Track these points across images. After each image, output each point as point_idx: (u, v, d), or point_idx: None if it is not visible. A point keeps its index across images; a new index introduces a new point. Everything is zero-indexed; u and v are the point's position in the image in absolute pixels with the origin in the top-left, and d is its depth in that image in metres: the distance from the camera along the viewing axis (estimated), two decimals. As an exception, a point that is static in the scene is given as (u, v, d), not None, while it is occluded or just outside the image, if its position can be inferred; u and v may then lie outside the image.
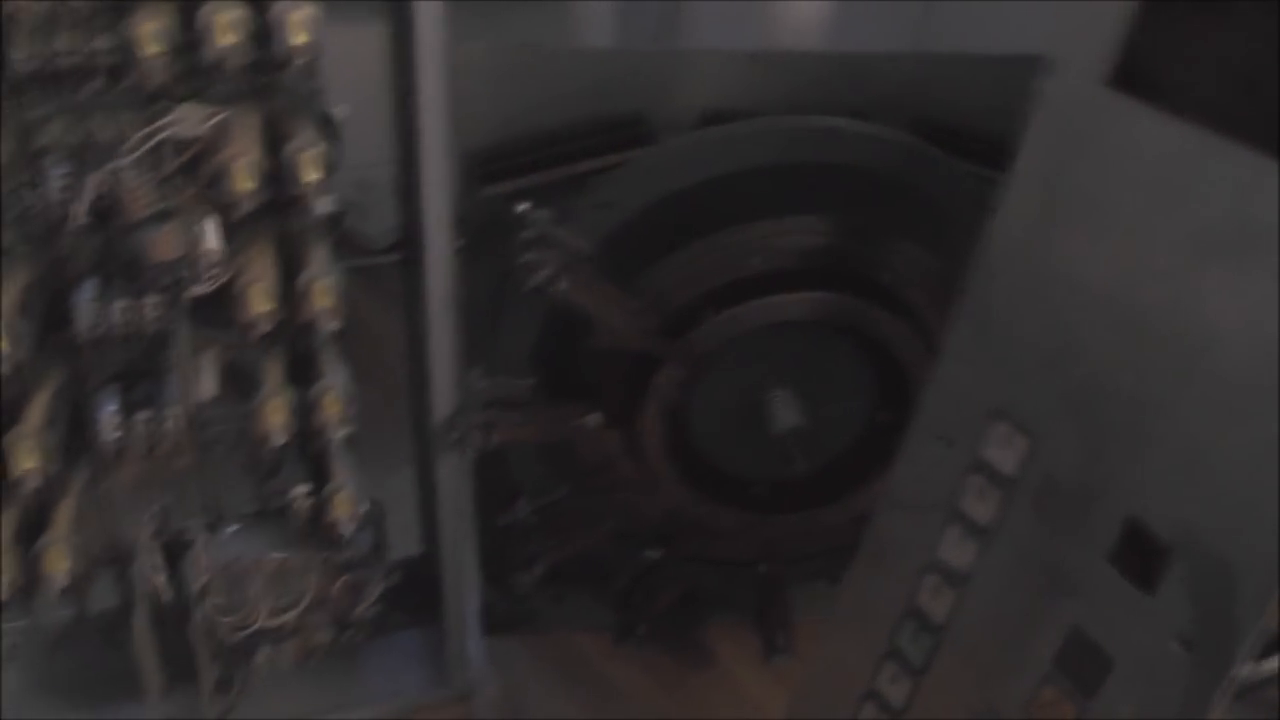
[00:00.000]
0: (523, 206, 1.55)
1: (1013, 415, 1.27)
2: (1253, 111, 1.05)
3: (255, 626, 1.60)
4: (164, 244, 1.34)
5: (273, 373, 1.53)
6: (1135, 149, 1.15)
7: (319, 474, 1.64)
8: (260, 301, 1.42)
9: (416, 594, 1.94)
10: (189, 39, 1.32)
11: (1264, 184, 1.02)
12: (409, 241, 1.70)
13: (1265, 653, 1.57)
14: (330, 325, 1.49)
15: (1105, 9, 1.17)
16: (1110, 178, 1.18)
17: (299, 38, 1.32)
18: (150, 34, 1.27)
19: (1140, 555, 1.13)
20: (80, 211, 1.33)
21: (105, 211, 1.37)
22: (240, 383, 1.58)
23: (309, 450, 1.62)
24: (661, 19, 3.11)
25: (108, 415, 1.49)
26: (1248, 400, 1.04)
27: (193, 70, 1.36)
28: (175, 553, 1.69)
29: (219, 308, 1.48)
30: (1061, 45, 1.23)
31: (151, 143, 1.32)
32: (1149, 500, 1.12)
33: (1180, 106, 1.11)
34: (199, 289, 1.40)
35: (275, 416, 1.50)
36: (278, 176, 1.41)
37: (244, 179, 1.35)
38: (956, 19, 2.85)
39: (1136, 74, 1.15)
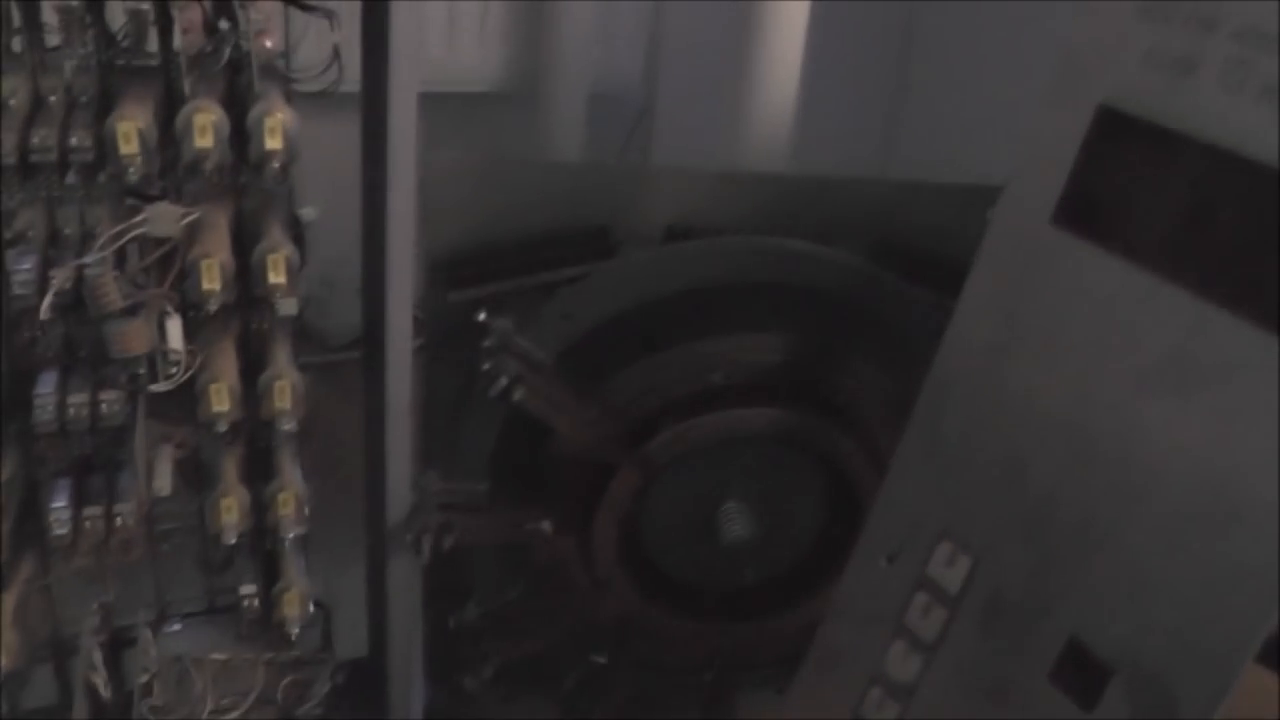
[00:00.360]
0: (483, 315, 1.57)
1: (957, 535, 1.30)
2: (1194, 255, 1.09)
3: (198, 726, 1.58)
4: (129, 339, 1.35)
5: (229, 470, 1.53)
6: (1081, 284, 1.20)
7: (269, 572, 1.64)
8: (221, 400, 1.43)
9: (362, 694, 1.92)
10: (165, 138, 1.35)
11: (1206, 325, 1.07)
12: (370, 341, 1.71)
13: None
14: (288, 425, 1.50)
15: (1054, 147, 1.22)
16: (1058, 309, 1.22)
17: (275, 142, 1.35)
18: (128, 132, 1.29)
19: (1081, 674, 1.15)
20: (45, 304, 1.34)
21: (69, 305, 1.38)
22: (195, 478, 1.58)
23: (260, 548, 1.62)
24: (631, 134, 3.19)
25: (57, 510, 1.48)
26: (1190, 527, 1.07)
27: (167, 168, 1.39)
28: (119, 648, 1.67)
29: (178, 404, 1.49)
30: (1014, 179, 1.29)
31: (122, 240, 1.34)
32: (1092, 620, 1.15)
33: (1123, 247, 1.15)
34: (160, 386, 1.41)
35: (229, 514, 1.51)
36: (244, 276, 1.43)
37: (211, 278, 1.37)
38: (920, 147, 2.95)
39: (1082, 212, 1.20)
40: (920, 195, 1.77)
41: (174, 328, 1.41)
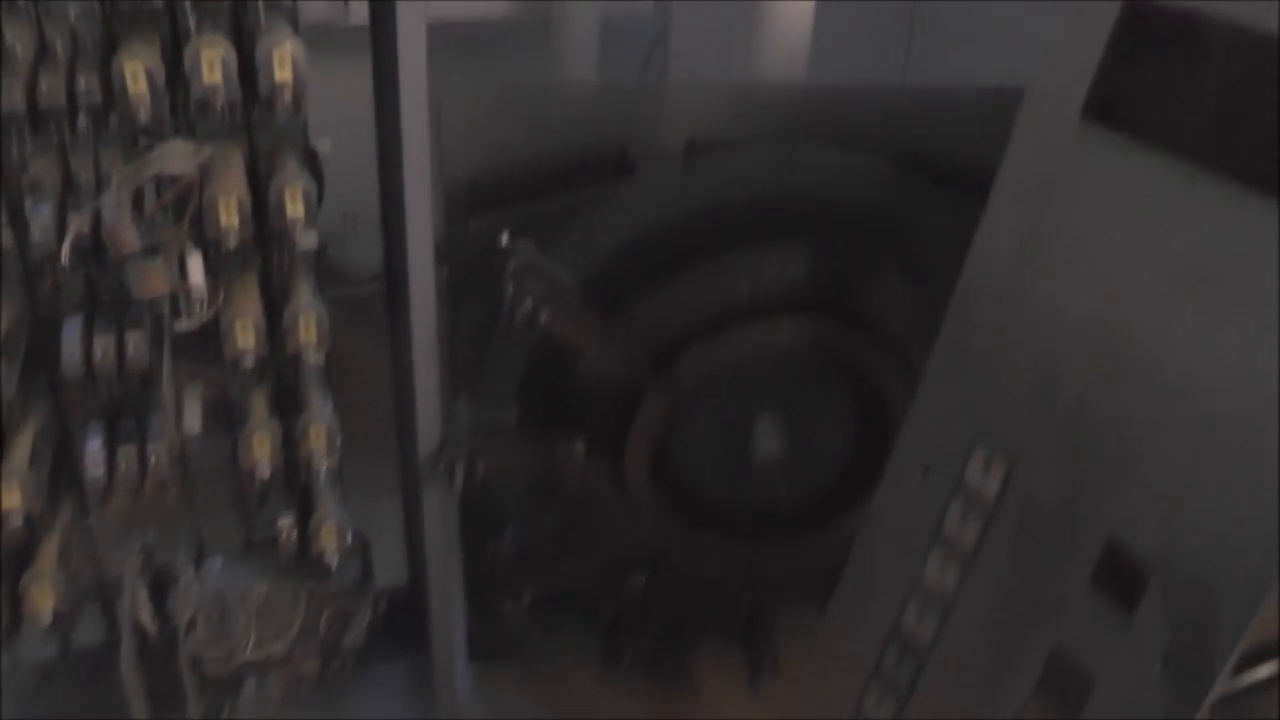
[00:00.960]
0: (505, 239, 1.56)
1: (992, 442, 1.28)
2: (1230, 142, 1.06)
3: (242, 659, 1.60)
4: (150, 280, 1.34)
5: (258, 406, 1.54)
6: (1111, 181, 1.17)
7: (305, 506, 1.65)
8: (246, 337, 1.42)
9: (403, 624, 1.94)
10: (173, 76, 1.33)
11: (1241, 216, 1.04)
12: (393, 274, 1.71)
13: (1247, 664, 1.59)
14: (315, 358, 1.49)
15: (1083, 41, 1.19)
16: (1087, 210, 1.19)
17: (283, 74, 1.33)
18: (135, 71, 1.27)
19: (1121, 577, 1.14)
20: (64, 250, 1.34)
21: (89, 250, 1.37)
22: (226, 416, 1.59)
23: (295, 482, 1.63)
24: (648, 56, 3.13)
25: (92, 452, 1.50)
26: (1225, 425, 1.06)
27: (177, 107, 1.37)
28: (161, 587, 1.69)
29: (204, 343, 1.49)
30: (1040, 77, 1.25)
31: (137, 181, 1.33)
32: (1129, 524, 1.14)
33: (1156, 138, 1.12)
34: (184, 325, 1.41)
35: (261, 450, 1.51)
36: (262, 212, 1.42)
37: (229, 215, 1.36)
38: (941, 51, 2.89)
39: (1112, 106, 1.17)
40: (943, 100, 1.74)
41: (195, 266, 1.40)
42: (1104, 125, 1.17)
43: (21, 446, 1.44)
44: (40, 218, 1.37)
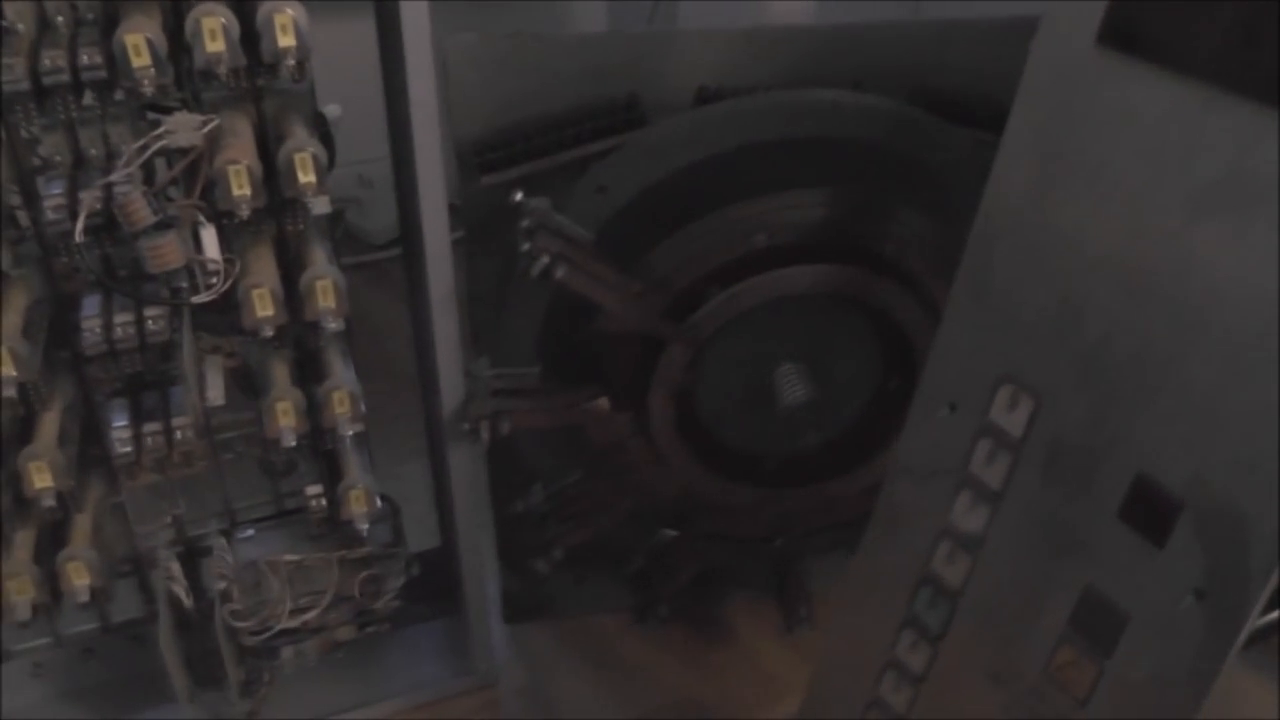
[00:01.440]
0: (518, 195, 1.55)
1: (1017, 378, 1.27)
2: (1249, 63, 1.04)
3: (277, 627, 1.61)
4: (165, 254, 1.34)
5: (280, 374, 1.54)
6: (1129, 107, 1.14)
7: (332, 472, 1.65)
8: (264, 306, 1.42)
9: (437, 585, 1.95)
10: (176, 47, 1.33)
11: (1263, 137, 1.02)
12: (408, 236, 1.70)
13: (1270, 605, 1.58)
14: (334, 324, 1.49)
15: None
16: (1105, 138, 1.17)
17: (286, 40, 1.32)
18: (138, 44, 1.27)
19: (1150, 510, 1.13)
20: (77, 229, 1.34)
21: (102, 226, 1.37)
22: (249, 386, 1.59)
23: (321, 449, 1.63)
24: (655, 5, 3.10)
25: (118, 429, 1.51)
26: (1253, 351, 1.04)
27: (182, 78, 1.37)
28: (195, 558, 1.70)
29: (222, 314, 1.49)
30: (1052, 6, 1.23)
31: (145, 155, 1.32)
32: (1157, 456, 1.12)
33: (1173, 62, 1.10)
34: (201, 297, 1.41)
35: (285, 418, 1.51)
36: (273, 180, 1.41)
37: (240, 184, 1.35)
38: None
39: (1127, 30, 1.14)
40: (956, 34, 1.70)
41: (209, 237, 1.40)
42: (1119, 51, 1.15)
43: (49, 426, 1.45)
44: (52, 196, 1.37)
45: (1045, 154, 1.23)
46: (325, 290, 1.46)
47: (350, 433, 1.57)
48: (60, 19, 1.34)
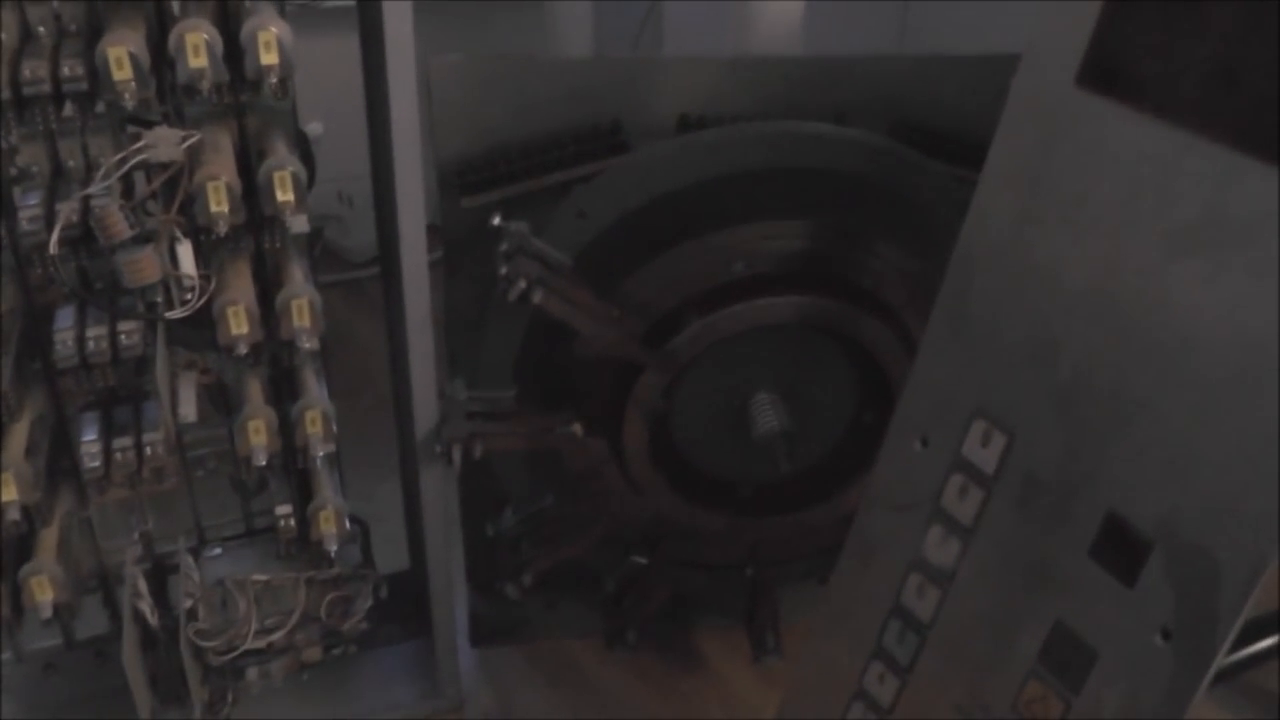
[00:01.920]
0: (497, 219, 1.55)
1: (991, 413, 1.28)
2: (1226, 107, 1.05)
3: (243, 647, 1.60)
4: (142, 268, 1.33)
5: (254, 392, 1.53)
6: (1107, 148, 1.16)
7: (303, 492, 1.64)
8: (239, 323, 1.41)
9: (406, 607, 1.94)
10: (159, 61, 1.32)
11: (1239, 181, 1.03)
12: (386, 256, 1.70)
13: (1250, 636, 1.59)
14: (309, 343, 1.49)
15: (1075, 6, 1.17)
16: (1083, 176, 1.18)
17: (269, 57, 1.32)
18: (120, 58, 1.26)
19: (1121, 549, 1.13)
20: (53, 240, 1.33)
21: (78, 239, 1.37)
22: (222, 403, 1.58)
23: (292, 469, 1.63)
24: (641, 29, 3.12)
25: (88, 443, 1.49)
26: (1226, 393, 1.04)
27: (164, 92, 1.36)
28: (162, 575, 1.69)
29: (197, 329, 1.48)
30: (1033, 45, 1.24)
31: (125, 168, 1.32)
32: (1129, 494, 1.13)
33: (1151, 104, 1.11)
34: (176, 313, 1.40)
35: (257, 437, 1.50)
36: (252, 196, 1.41)
37: (219, 200, 1.35)
38: (935, 19, 2.86)
39: (1106, 72, 1.16)
40: (938, 69, 1.72)
41: (185, 253, 1.40)
42: (1099, 93, 1.16)
43: (17, 438, 1.44)
44: (29, 207, 1.36)
45: (1024, 190, 1.24)
46: (301, 309, 1.46)
47: (322, 453, 1.56)
48: (43, 29, 1.34)
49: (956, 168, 1.66)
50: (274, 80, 1.34)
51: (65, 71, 1.29)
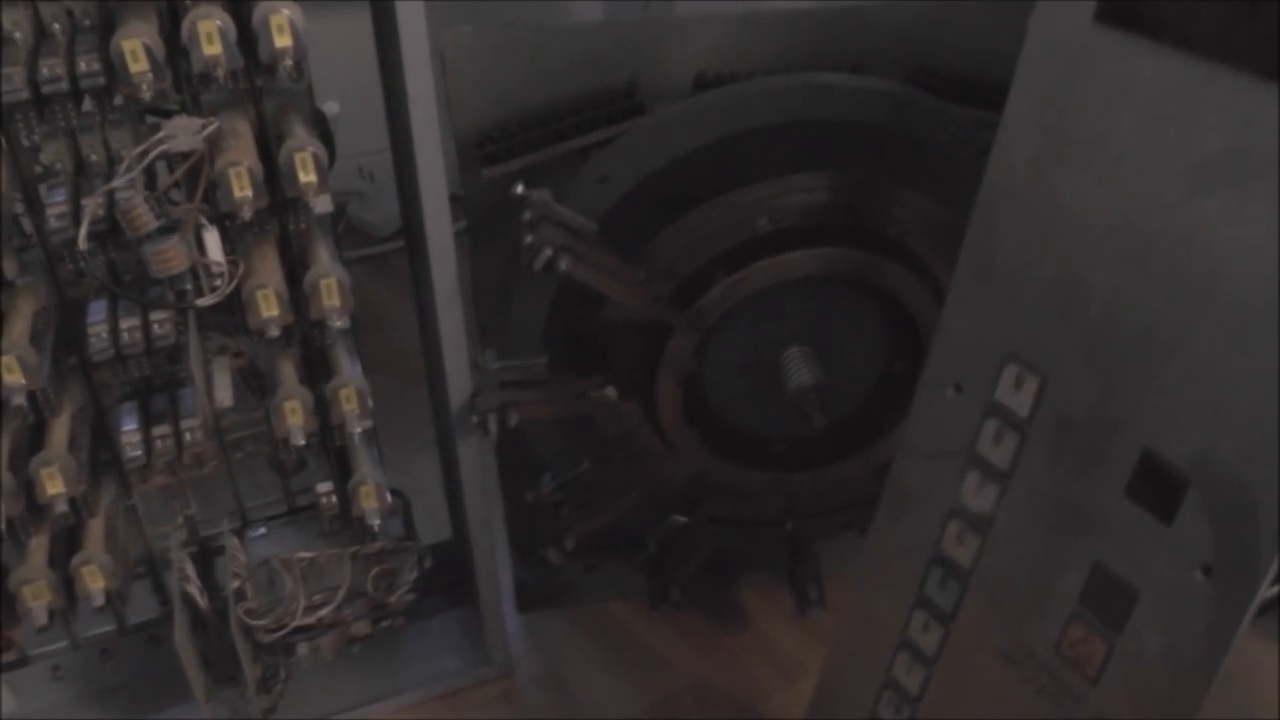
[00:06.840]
0: (520, 187, 1.55)
1: (1023, 357, 1.27)
2: (1248, 36, 1.04)
3: (292, 624, 1.62)
4: (169, 258, 1.35)
5: (288, 374, 1.55)
6: (1128, 83, 1.14)
7: (342, 469, 1.66)
8: (269, 306, 1.43)
9: (451, 577, 1.97)
10: (173, 51, 1.33)
11: (1263, 110, 1.01)
12: (411, 229, 1.70)
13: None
14: (340, 322, 1.50)
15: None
16: (1105, 113, 1.17)
17: (283, 40, 1.32)
18: (135, 50, 1.27)
19: (1158, 487, 1.13)
20: (81, 235, 1.34)
21: (105, 232, 1.38)
22: (257, 386, 1.60)
23: (330, 446, 1.64)
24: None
25: (128, 433, 1.52)
26: (1257, 326, 1.03)
27: (180, 81, 1.37)
28: (209, 558, 1.71)
29: (228, 314, 1.49)
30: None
31: (146, 160, 1.33)
32: (1164, 432, 1.12)
33: (1171, 37, 1.10)
34: (206, 300, 1.41)
35: (293, 417, 1.52)
36: (274, 180, 1.42)
37: (241, 186, 1.36)
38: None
39: (1125, 6, 1.14)
40: (953, 13, 1.70)
41: (212, 240, 1.41)
42: (1117, 27, 1.14)
43: (59, 432, 1.46)
44: (55, 204, 1.38)
45: (1046, 131, 1.23)
46: (330, 289, 1.47)
47: (359, 429, 1.58)
48: (57, 26, 1.34)
49: (976, 111, 1.65)
50: (289, 63, 1.35)
51: (82, 67, 1.30)
